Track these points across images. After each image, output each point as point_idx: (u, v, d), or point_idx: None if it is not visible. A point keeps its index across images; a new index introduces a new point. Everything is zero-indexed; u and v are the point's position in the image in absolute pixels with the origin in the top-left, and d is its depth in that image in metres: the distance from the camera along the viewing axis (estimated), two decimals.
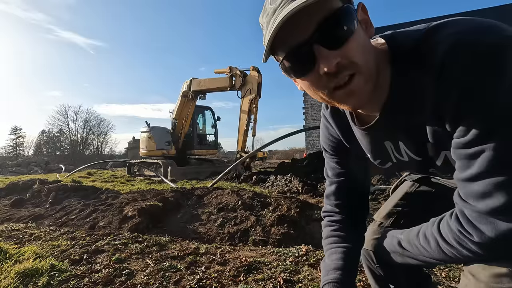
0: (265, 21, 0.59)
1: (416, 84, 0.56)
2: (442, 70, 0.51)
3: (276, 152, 46.39)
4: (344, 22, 0.53)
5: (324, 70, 0.53)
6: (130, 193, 5.01)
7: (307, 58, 0.55)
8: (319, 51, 0.53)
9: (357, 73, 0.54)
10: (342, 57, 0.53)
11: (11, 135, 46.42)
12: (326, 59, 0.52)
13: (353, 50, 0.53)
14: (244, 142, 9.53)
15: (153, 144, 11.05)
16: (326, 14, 0.52)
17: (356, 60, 0.54)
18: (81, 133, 45.18)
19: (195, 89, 10.77)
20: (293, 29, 0.53)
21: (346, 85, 0.55)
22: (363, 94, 0.57)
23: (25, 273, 1.78)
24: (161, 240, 2.52)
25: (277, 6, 0.54)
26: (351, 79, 0.55)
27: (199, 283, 1.72)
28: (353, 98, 0.58)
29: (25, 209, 4.36)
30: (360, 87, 0.56)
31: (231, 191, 4.22)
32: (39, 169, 18.27)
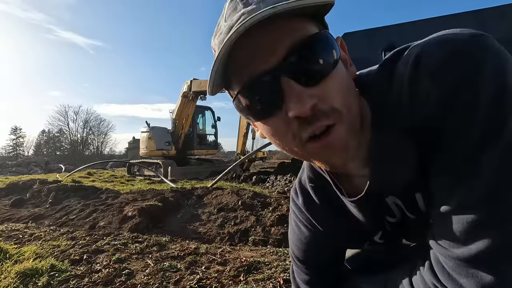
0: (218, 42, 0.44)
1: (396, 122, 0.44)
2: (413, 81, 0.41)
3: (276, 152, 46.40)
4: (324, 52, 0.41)
5: (295, 113, 0.39)
6: (130, 193, 5.01)
7: (272, 94, 0.40)
8: (289, 85, 0.39)
9: (338, 123, 0.41)
10: (319, 99, 0.39)
11: (11, 135, 46.50)
12: (298, 98, 0.38)
13: (334, 90, 0.40)
14: (244, 145, 9.58)
15: (153, 144, 11.07)
16: (300, 38, 0.39)
17: (337, 105, 0.40)
18: (81, 133, 45.31)
19: (196, 90, 10.81)
20: (253, 53, 0.39)
21: (323, 136, 0.41)
22: (346, 149, 0.43)
23: (25, 273, 1.78)
24: (161, 240, 2.52)
25: (234, 23, 0.40)
26: (330, 128, 0.41)
27: (199, 283, 1.72)
28: (332, 153, 0.43)
29: (25, 209, 4.36)
30: (342, 140, 0.42)
31: (231, 191, 4.22)
32: (39, 169, 18.28)
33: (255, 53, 0.40)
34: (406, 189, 0.50)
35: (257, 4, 0.40)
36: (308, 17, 0.41)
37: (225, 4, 0.45)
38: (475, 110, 0.36)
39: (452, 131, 0.38)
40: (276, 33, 0.39)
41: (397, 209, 0.55)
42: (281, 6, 0.35)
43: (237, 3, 0.42)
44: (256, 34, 0.38)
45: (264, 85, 0.40)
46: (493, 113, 0.36)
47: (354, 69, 0.48)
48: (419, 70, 0.41)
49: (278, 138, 0.44)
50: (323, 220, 0.66)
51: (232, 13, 0.42)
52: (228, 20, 0.42)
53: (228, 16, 0.43)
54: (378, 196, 0.54)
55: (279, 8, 0.35)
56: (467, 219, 0.37)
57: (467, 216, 0.38)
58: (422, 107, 0.41)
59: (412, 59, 0.42)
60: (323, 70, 0.40)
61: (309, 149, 0.43)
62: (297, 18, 0.40)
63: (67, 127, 44.82)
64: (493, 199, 0.36)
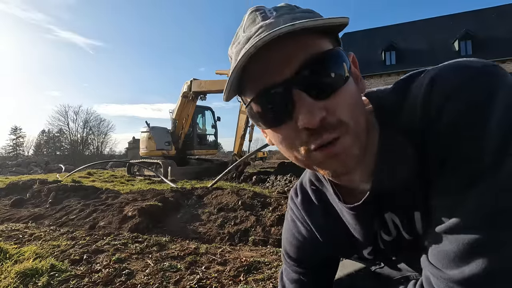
0: (235, 51, 0.47)
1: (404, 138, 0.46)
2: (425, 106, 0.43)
3: (276, 152, 46.37)
4: (336, 68, 0.43)
5: (304, 124, 0.41)
6: (130, 193, 5.01)
7: (283, 104, 0.42)
8: (300, 98, 0.41)
9: (344, 134, 0.43)
10: (328, 112, 0.41)
11: (11, 135, 46.53)
12: (309, 110, 0.40)
13: (343, 105, 0.42)
14: (241, 146, 9.54)
15: (153, 144, 11.07)
16: (314, 53, 0.41)
17: (345, 118, 0.42)
18: (81, 133, 45.32)
19: (196, 90, 10.80)
20: (269, 65, 0.42)
21: (329, 146, 0.43)
22: (350, 159, 0.45)
23: (25, 273, 1.78)
24: (161, 240, 2.52)
25: (252, 34, 0.43)
26: (336, 140, 0.43)
27: (199, 283, 1.72)
28: (336, 162, 0.44)
29: (25, 209, 4.36)
30: (347, 150, 0.44)
31: (231, 191, 4.22)
32: (39, 169, 18.27)
33: (270, 65, 0.42)
34: (406, 206, 0.51)
35: (275, 18, 0.43)
36: (322, 33, 0.43)
37: (244, 15, 0.48)
38: (483, 135, 0.38)
39: (458, 153, 0.40)
40: (292, 47, 0.41)
41: (393, 228, 0.55)
42: (299, 24, 0.38)
43: (256, 16, 0.45)
44: (272, 48, 0.40)
45: (277, 95, 0.42)
46: (500, 141, 0.37)
47: (364, 84, 0.50)
48: (433, 92, 0.42)
49: (286, 145, 0.46)
50: (318, 222, 0.67)
51: (251, 25, 0.45)
52: (246, 31, 0.45)
53: (246, 27, 0.46)
54: (376, 208, 0.54)
55: (297, 26, 0.38)
56: (464, 240, 0.37)
57: (463, 236, 0.38)
58: (432, 128, 0.42)
59: (427, 81, 0.44)
60: (333, 84, 0.42)
61: (315, 158, 0.45)
62: (312, 34, 0.42)
63: (67, 127, 44.90)
64: (492, 222, 0.36)
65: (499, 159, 0.37)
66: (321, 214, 0.65)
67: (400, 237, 0.55)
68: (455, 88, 0.40)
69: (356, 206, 0.54)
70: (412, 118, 0.45)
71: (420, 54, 22.33)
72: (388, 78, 22.07)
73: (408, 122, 0.45)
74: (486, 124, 0.37)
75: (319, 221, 0.66)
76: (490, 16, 22.70)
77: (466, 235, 0.37)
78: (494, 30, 21.48)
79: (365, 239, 0.60)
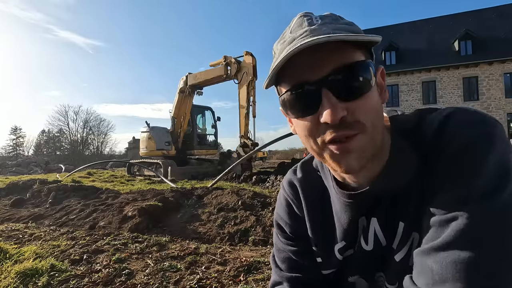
0: (279, 48, 0.53)
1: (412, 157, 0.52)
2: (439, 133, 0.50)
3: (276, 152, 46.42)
4: (362, 76, 0.49)
5: (326, 120, 0.47)
6: (130, 193, 5.01)
7: (311, 99, 0.49)
8: (327, 96, 0.47)
9: (361, 133, 0.48)
10: (349, 112, 0.47)
11: (11, 135, 46.54)
12: (332, 108, 0.46)
13: (363, 109, 0.48)
14: (247, 126, 9.43)
15: (153, 144, 11.07)
16: (346, 62, 0.48)
17: (363, 120, 0.48)
18: (81, 133, 45.29)
19: (192, 83, 10.80)
20: (306, 64, 0.48)
21: (344, 141, 0.49)
22: (362, 156, 0.50)
23: (25, 273, 1.78)
24: (161, 240, 2.52)
25: (297, 36, 0.50)
26: (351, 137, 0.48)
27: (199, 283, 1.72)
28: (349, 157, 0.49)
29: (25, 209, 4.36)
30: (360, 147, 0.49)
31: (231, 191, 4.22)
32: (39, 169, 18.27)
33: (307, 65, 0.48)
34: (394, 213, 0.55)
35: (319, 26, 0.49)
36: (356, 46, 0.49)
37: (293, 18, 0.55)
38: (482, 167, 0.43)
39: (456, 177, 0.45)
40: (328, 53, 0.47)
41: (373, 237, 0.60)
42: (334, 36, 0.44)
43: (303, 21, 0.52)
44: (312, 51, 0.46)
45: (308, 91, 0.49)
46: (496, 175, 0.42)
47: (386, 95, 0.57)
48: (447, 124, 0.50)
49: (306, 134, 0.53)
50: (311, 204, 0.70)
51: (298, 27, 0.52)
52: (293, 32, 0.52)
53: (293, 29, 0.52)
54: (367, 207, 0.59)
55: (332, 38, 0.44)
56: (448, 259, 0.40)
57: (448, 256, 0.40)
58: (439, 151, 0.49)
59: (444, 115, 0.51)
60: (358, 91, 0.48)
61: (328, 150, 0.51)
62: (347, 45, 0.48)
63: (67, 127, 44.86)
64: (478, 244, 0.39)
65: (491, 188, 0.42)
66: (315, 196, 0.70)
67: (376, 249, 0.59)
68: (465, 126, 0.48)
69: (353, 194, 0.59)
70: (423, 140, 0.52)
71: (420, 54, 22.33)
72: (388, 78, 22.07)
73: (419, 142, 0.52)
74: (485, 159, 0.43)
75: (311, 201, 0.70)
76: (490, 16, 22.69)
77: (452, 255, 0.40)
78: (494, 30, 21.48)
79: (344, 232, 0.63)
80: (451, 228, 0.42)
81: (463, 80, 20.94)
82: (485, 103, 20.45)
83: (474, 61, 20.41)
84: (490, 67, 20.36)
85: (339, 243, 0.65)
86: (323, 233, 0.68)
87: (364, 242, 0.61)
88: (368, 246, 0.61)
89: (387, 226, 0.57)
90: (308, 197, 0.71)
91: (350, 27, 0.51)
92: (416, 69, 21.88)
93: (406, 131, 0.55)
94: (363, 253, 0.62)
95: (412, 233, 0.53)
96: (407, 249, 0.54)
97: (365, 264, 0.63)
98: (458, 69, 20.86)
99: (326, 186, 0.68)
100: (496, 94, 20.32)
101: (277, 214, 0.78)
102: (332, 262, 0.67)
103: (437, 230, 0.44)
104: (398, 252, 0.56)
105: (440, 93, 21.29)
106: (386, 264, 0.59)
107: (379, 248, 0.59)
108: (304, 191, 0.72)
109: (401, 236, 0.55)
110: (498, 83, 20.27)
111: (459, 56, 21.05)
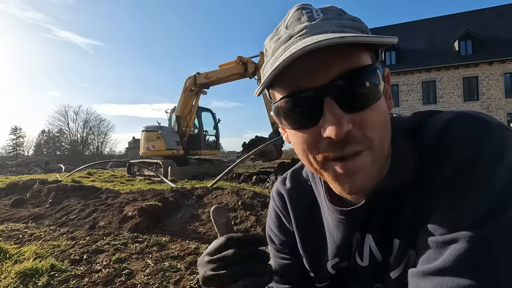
0: (273, 46, 0.46)
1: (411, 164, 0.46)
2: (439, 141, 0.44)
3: None
4: (371, 84, 0.42)
5: (330, 135, 0.40)
6: (130, 193, 5.01)
7: (312, 109, 0.42)
8: (331, 107, 0.40)
9: (368, 149, 0.42)
10: (356, 125, 0.41)
11: (11, 135, 46.54)
12: (337, 121, 0.39)
13: (372, 121, 0.42)
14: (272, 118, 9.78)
15: (162, 144, 11.01)
16: (352, 66, 0.41)
17: (371, 135, 0.42)
18: (81, 133, 45.30)
19: (202, 82, 10.91)
20: (306, 68, 0.41)
21: (348, 160, 0.42)
22: (369, 176, 0.44)
23: (25, 273, 1.78)
24: (161, 240, 2.52)
25: (295, 33, 0.42)
26: (357, 154, 0.42)
27: (199, 283, 1.72)
28: (354, 178, 0.43)
29: (25, 209, 4.36)
30: (367, 166, 0.43)
31: (231, 191, 4.22)
32: (39, 169, 18.27)
33: (307, 69, 0.41)
34: (390, 228, 0.50)
35: (321, 21, 0.42)
36: (365, 47, 0.42)
37: (289, 10, 0.46)
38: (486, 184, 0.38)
39: (458, 195, 0.39)
40: (332, 56, 0.40)
41: (368, 254, 0.54)
42: (349, 38, 0.37)
43: (302, 14, 0.44)
44: (314, 53, 0.38)
45: (308, 100, 0.42)
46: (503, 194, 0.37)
47: (392, 102, 0.49)
48: (448, 134, 0.43)
49: (304, 149, 0.45)
50: (299, 216, 0.65)
51: (295, 22, 0.44)
52: (289, 28, 0.44)
53: (290, 24, 0.45)
54: (362, 222, 0.53)
55: (347, 40, 0.36)
56: (445, 285, 0.36)
57: (447, 282, 0.36)
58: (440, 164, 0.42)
59: (443, 122, 0.45)
60: (366, 100, 0.42)
61: (330, 169, 0.44)
62: (355, 46, 0.40)
63: (67, 127, 44.86)
64: (478, 269, 0.35)
65: (496, 210, 0.36)
66: (305, 209, 0.64)
67: (371, 266, 0.54)
68: (468, 136, 0.41)
69: (347, 210, 0.52)
70: (421, 148, 0.45)
71: (420, 54, 22.33)
72: None
73: (417, 151, 0.46)
74: (491, 176, 0.38)
75: (300, 215, 0.65)
76: (490, 16, 22.70)
77: (450, 281, 0.36)
78: (494, 30, 21.48)
79: (337, 248, 0.58)
80: (450, 251, 0.37)
81: (463, 80, 20.94)
82: (485, 103, 20.45)
83: (474, 61, 20.42)
84: (490, 67, 20.36)
85: (331, 260, 0.60)
86: (313, 249, 0.63)
87: (359, 258, 0.56)
88: (363, 262, 0.56)
89: (383, 242, 0.52)
90: (297, 210, 0.65)
91: (357, 24, 0.44)
92: (416, 69, 21.88)
93: (405, 139, 0.48)
94: (359, 268, 0.57)
95: (408, 251, 0.48)
96: (403, 267, 0.49)
97: (362, 277, 0.58)
98: (458, 69, 20.86)
99: (317, 198, 0.62)
100: (496, 94, 20.32)
101: (267, 225, 0.73)
102: (326, 276, 0.62)
103: (434, 251, 0.39)
104: (394, 270, 0.50)
105: (440, 93, 21.30)
106: (384, 278, 0.53)
107: (375, 264, 0.54)
108: (292, 203, 0.66)
109: (397, 253, 0.49)
110: (498, 83, 20.28)
111: (459, 56, 21.05)
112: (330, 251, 0.59)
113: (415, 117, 0.51)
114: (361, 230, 0.55)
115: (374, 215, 0.51)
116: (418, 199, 0.45)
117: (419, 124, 0.49)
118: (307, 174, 0.66)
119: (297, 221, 0.65)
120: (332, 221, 0.57)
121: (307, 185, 0.65)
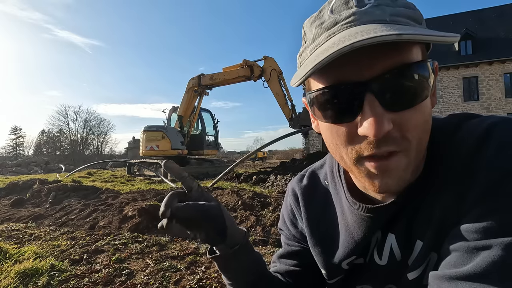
0: (314, 32, 0.42)
1: (445, 167, 0.44)
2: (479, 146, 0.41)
3: (276, 152, 46.46)
4: (420, 82, 0.38)
5: (367, 133, 0.37)
6: (130, 193, 5.01)
7: (350, 104, 0.39)
8: (372, 104, 0.37)
9: (405, 151, 0.40)
10: (395, 125, 0.38)
11: (11, 135, 46.55)
12: (377, 120, 0.37)
13: (413, 123, 0.39)
14: (290, 111, 10.12)
15: (167, 144, 11.05)
16: (402, 62, 0.37)
17: (410, 136, 0.39)
18: (81, 133, 45.32)
19: (207, 83, 11.07)
20: (350, 61, 0.37)
21: (382, 159, 0.40)
22: (402, 178, 0.42)
23: (25, 273, 1.78)
24: (161, 240, 2.52)
25: (341, 20, 0.39)
26: (392, 155, 0.40)
27: (199, 283, 1.72)
28: (387, 177, 0.41)
29: (25, 209, 4.36)
30: (402, 167, 0.40)
31: (231, 191, 4.22)
32: (39, 169, 18.27)
33: (351, 61, 0.37)
34: (415, 228, 0.48)
35: (372, 8, 0.38)
36: (418, 41, 0.38)
37: None
38: None
39: (495, 201, 0.37)
40: (380, 50, 0.36)
41: (388, 253, 0.53)
42: (406, 36, 0.33)
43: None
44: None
45: (347, 94, 0.39)
46: None
47: (435, 99, 0.46)
48: (487, 141, 0.40)
49: (337, 143, 0.43)
50: (311, 215, 0.64)
51: (342, 6, 0.40)
52: (335, 12, 0.40)
53: (335, 8, 0.41)
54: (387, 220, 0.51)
55: (404, 38, 0.32)
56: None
57: (476, 286, 0.34)
58: (474, 170, 0.40)
59: (487, 125, 0.42)
60: (411, 100, 0.38)
61: (364, 166, 0.42)
62: None
63: (67, 127, 44.89)
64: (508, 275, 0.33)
65: None
66: (317, 208, 0.63)
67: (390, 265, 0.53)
68: (511, 144, 0.38)
69: (374, 208, 0.50)
70: (458, 154, 0.43)
71: None
72: None
73: (453, 156, 0.43)
74: None
75: (312, 214, 0.64)
76: (490, 16, 22.70)
77: (479, 286, 0.34)
78: (494, 30, 21.48)
79: (356, 246, 0.56)
80: (482, 258, 0.35)
81: (463, 80, 20.93)
82: (485, 103, 20.44)
83: (474, 61, 20.40)
84: (490, 67, 20.36)
85: (347, 259, 0.58)
86: (325, 247, 0.62)
87: (377, 257, 0.54)
88: (382, 261, 0.54)
89: (405, 243, 0.50)
90: (309, 209, 0.64)
91: (411, 12, 0.39)
92: None
93: (442, 141, 0.46)
94: (376, 266, 0.55)
95: (431, 253, 0.46)
96: (423, 269, 0.47)
97: (376, 276, 0.56)
98: (458, 69, 20.85)
99: (331, 199, 0.60)
100: (496, 94, 20.31)
101: (281, 213, 0.74)
102: (338, 272, 0.61)
103: (463, 256, 0.37)
104: (412, 271, 0.48)
105: (440, 93, 21.28)
106: (399, 279, 0.52)
107: (393, 264, 0.52)
108: (305, 203, 0.65)
109: (418, 255, 0.47)
110: (498, 83, 20.27)
111: (459, 56, 21.03)
112: (347, 249, 0.57)
113: (452, 119, 0.49)
114: (383, 228, 0.53)
115: (400, 215, 0.49)
116: (450, 202, 0.42)
117: (456, 126, 0.46)
118: (325, 174, 0.65)
119: (309, 220, 0.64)
120: (354, 219, 0.55)
121: (322, 186, 0.64)
